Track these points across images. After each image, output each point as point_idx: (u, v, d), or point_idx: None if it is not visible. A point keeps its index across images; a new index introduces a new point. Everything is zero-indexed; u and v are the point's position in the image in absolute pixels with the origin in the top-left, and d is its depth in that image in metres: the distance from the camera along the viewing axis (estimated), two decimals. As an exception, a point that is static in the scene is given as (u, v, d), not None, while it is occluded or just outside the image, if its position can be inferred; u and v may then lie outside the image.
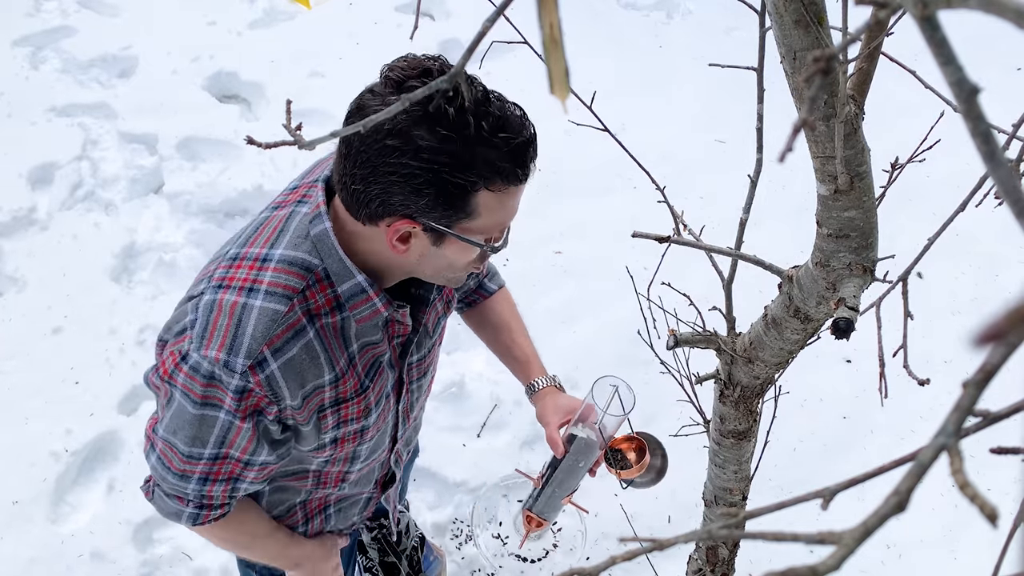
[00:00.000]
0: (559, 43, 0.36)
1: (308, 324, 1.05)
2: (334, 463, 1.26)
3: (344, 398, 1.13)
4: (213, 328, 1.00)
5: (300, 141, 0.44)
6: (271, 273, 1.03)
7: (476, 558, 2.21)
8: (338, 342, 1.09)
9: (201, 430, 1.05)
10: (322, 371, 1.08)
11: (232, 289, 1.02)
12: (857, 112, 0.77)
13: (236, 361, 0.99)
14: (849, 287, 0.86)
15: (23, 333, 2.59)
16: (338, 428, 1.16)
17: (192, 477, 1.09)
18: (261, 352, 1.00)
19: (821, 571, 0.27)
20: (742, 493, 1.34)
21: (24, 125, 3.20)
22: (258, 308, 1.01)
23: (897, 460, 0.33)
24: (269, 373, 1.01)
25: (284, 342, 1.02)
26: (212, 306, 1.02)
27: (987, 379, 0.27)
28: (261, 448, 1.09)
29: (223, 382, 1.00)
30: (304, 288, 1.04)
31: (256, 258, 1.05)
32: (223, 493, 1.13)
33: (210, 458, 1.08)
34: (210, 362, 0.99)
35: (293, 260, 1.04)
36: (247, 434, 1.06)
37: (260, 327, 1.00)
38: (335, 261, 1.05)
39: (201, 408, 1.03)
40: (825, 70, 0.28)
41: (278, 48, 3.62)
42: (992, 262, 3.07)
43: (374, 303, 1.08)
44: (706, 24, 4.07)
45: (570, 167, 3.25)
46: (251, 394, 1.02)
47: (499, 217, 1.02)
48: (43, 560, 2.09)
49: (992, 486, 2.34)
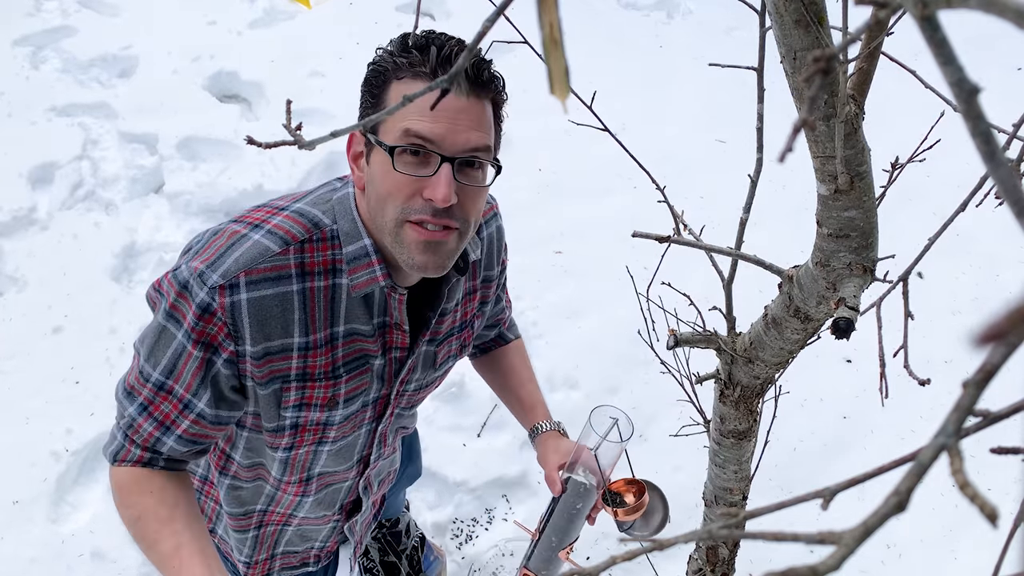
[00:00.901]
0: (559, 43, 0.36)
1: (296, 277, 1.06)
2: (293, 465, 1.23)
3: (312, 375, 1.11)
4: (208, 246, 1.05)
5: (300, 141, 0.44)
6: (280, 218, 1.08)
7: (477, 557, 2.21)
8: (324, 312, 1.09)
9: (158, 345, 1.07)
10: (291, 329, 1.07)
11: (242, 223, 1.08)
12: (857, 112, 0.77)
13: (210, 275, 1.02)
14: (849, 287, 0.86)
15: (23, 333, 2.59)
16: (300, 409, 1.13)
17: (136, 398, 1.10)
18: (237, 277, 1.02)
19: (821, 571, 0.27)
20: (742, 493, 1.34)
21: (24, 125, 3.20)
22: (253, 240, 1.05)
23: (897, 460, 0.33)
24: (236, 300, 1.02)
25: (262, 278, 1.04)
26: (217, 231, 1.07)
27: (987, 379, 0.27)
28: (203, 392, 1.07)
29: (191, 293, 1.02)
30: (305, 240, 1.07)
31: (276, 207, 1.11)
32: (149, 434, 1.10)
33: (155, 384, 1.08)
34: (189, 271, 1.03)
35: (304, 213, 1.09)
36: (194, 364, 1.05)
37: (246, 255, 1.03)
38: (348, 222, 1.09)
39: (166, 319, 1.05)
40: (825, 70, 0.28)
41: (278, 48, 3.62)
42: (992, 262, 3.07)
43: (374, 269, 1.09)
44: (706, 24, 4.07)
45: (570, 167, 3.25)
46: (212, 317, 1.02)
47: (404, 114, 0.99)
48: (43, 560, 2.09)
49: (992, 486, 2.34)
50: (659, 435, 2.46)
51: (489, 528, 2.27)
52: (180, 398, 1.08)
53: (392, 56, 1.01)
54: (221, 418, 1.11)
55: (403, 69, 1.00)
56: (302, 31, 3.71)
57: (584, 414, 1.29)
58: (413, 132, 0.98)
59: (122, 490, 1.13)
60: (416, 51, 0.99)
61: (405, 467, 1.80)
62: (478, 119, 1.01)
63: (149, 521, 1.10)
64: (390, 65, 1.01)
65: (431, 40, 0.99)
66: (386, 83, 1.01)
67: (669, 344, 1.08)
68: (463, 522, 2.28)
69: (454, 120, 0.99)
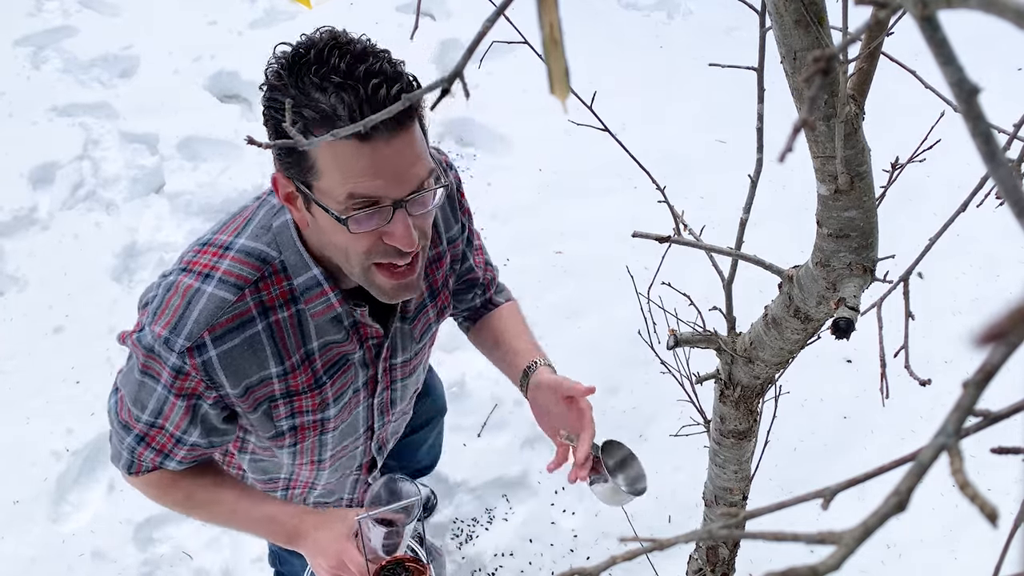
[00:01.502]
0: (559, 43, 0.36)
1: (259, 316, 1.06)
2: (302, 453, 1.26)
3: (296, 391, 1.14)
4: (165, 307, 1.04)
5: (300, 141, 0.44)
6: (228, 262, 1.06)
7: (477, 557, 2.21)
8: (295, 338, 1.10)
9: (141, 395, 1.09)
10: (266, 364, 1.09)
11: (192, 273, 1.06)
12: (857, 112, 0.77)
13: (176, 341, 1.02)
14: (849, 287, 0.86)
15: (24, 332, 2.59)
16: (293, 418, 1.16)
17: (132, 431, 1.14)
18: (202, 337, 1.03)
19: (821, 571, 0.27)
20: (742, 493, 1.34)
21: (25, 125, 3.20)
22: (208, 294, 1.04)
23: (897, 460, 0.33)
24: (206, 359, 1.03)
25: (227, 331, 1.04)
26: (171, 287, 1.06)
27: (987, 379, 0.27)
28: (193, 429, 1.11)
29: (161, 357, 1.04)
30: (258, 279, 1.06)
31: (221, 245, 1.08)
32: (152, 460, 1.16)
33: (147, 424, 1.12)
34: (153, 337, 1.03)
35: (251, 251, 1.06)
36: (180, 411, 1.08)
37: (205, 313, 1.03)
38: (292, 253, 1.07)
39: (142, 376, 1.08)
40: (825, 70, 0.28)
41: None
42: (993, 262, 3.06)
43: (328, 298, 1.09)
44: (706, 24, 4.07)
45: (570, 167, 3.25)
46: (187, 376, 1.04)
47: (342, 177, 0.92)
48: (44, 559, 2.09)
49: (992, 486, 2.34)
50: (659, 435, 2.46)
51: (489, 528, 2.27)
52: (172, 434, 1.12)
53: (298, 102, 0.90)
54: (215, 443, 1.16)
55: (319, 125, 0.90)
56: (303, 31, 3.70)
57: (584, 414, 1.28)
58: (359, 195, 0.93)
59: (156, 487, 1.21)
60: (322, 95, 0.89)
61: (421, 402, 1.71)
62: (413, 152, 0.94)
63: (198, 492, 1.19)
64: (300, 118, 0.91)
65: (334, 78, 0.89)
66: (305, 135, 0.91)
67: (669, 344, 1.08)
68: (463, 522, 2.28)
69: (394, 167, 0.93)
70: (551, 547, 2.23)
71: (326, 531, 1.11)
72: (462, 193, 1.31)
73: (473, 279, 1.40)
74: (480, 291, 1.43)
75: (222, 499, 1.20)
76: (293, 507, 1.19)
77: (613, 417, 2.52)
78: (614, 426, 2.50)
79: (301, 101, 0.90)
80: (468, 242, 1.35)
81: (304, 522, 1.15)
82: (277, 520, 1.17)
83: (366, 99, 0.89)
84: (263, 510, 1.18)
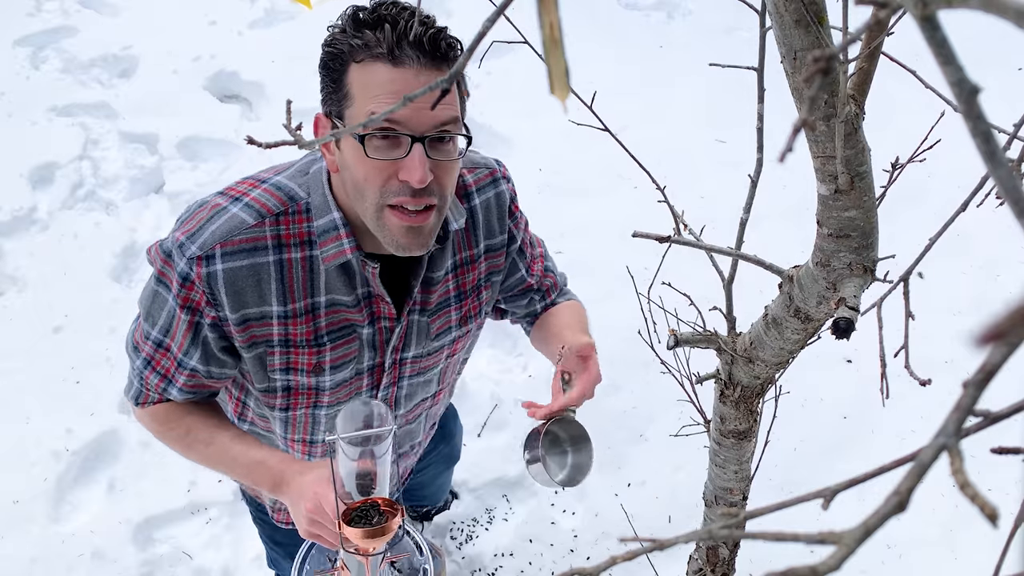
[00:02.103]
0: (559, 43, 0.36)
1: (273, 248, 1.10)
2: (295, 426, 1.27)
3: (294, 342, 1.15)
4: (191, 218, 1.10)
5: (300, 141, 0.44)
6: (259, 191, 1.11)
7: (477, 557, 2.21)
8: (303, 283, 1.13)
9: (153, 307, 1.14)
10: (268, 298, 1.11)
11: (225, 196, 1.12)
12: (857, 112, 0.77)
13: (189, 247, 1.07)
14: (849, 287, 0.86)
15: (24, 332, 2.59)
16: (287, 373, 1.18)
17: (141, 354, 1.18)
18: (212, 249, 1.06)
19: (821, 571, 0.27)
20: (742, 493, 1.34)
21: (25, 125, 3.20)
22: (231, 213, 1.09)
23: (897, 460, 0.33)
24: (212, 271, 1.07)
25: (238, 250, 1.08)
26: (202, 203, 1.12)
27: (987, 379, 0.27)
28: (194, 351, 1.14)
29: (174, 262, 1.08)
30: (280, 213, 1.10)
31: (258, 179, 1.14)
32: (157, 386, 1.19)
33: (155, 342, 1.16)
34: (172, 241, 1.08)
35: (281, 186, 1.12)
36: (184, 326, 1.11)
37: (223, 228, 1.07)
38: (319, 195, 1.11)
39: (156, 284, 1.13)
40: (825, 70, 0.28)
41: (279, 48, 3.62)
42: (993, 262, 3.07)
43: (341, 243, 1.11)
44: (706, 24, 4.07)
45: (570, 167, 3.25)
46: (192, 286, 1.08)
47: (370, 98, 0.99)
48: (44, 559, 2.09)
49: (992, 486, 2.34)
50: (659, 435, 2.46)
51: (489, 528, 2.27)
52: (175, 356, 1.15)
53: (346, 36, 1.00)
54: (213, 374, 1.18)
55: (359, 51, 0.99)
56: (303, 31, 3.71)
57: (584, 415, 1.28)
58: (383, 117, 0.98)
59: (161, 420, 1.24)
60: (369, 30, 0.98)
61: (437, 446, 1.78)
62: None
63: (199, 430, 1.22)
64: (345, 47, 1.00)
65: (383, 17, 0.98)
66: (344, 66, 1.01)
67: (669, 344, 1.08)
68: (463, 522, 2.28)
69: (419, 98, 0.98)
70: (551, 547, 2.24)
71: (309, 475, 1.10)
72: (515, 205, 1.33)
73: (528, 287, 1.42)
74: (538, 296, 1.45)
75: (218, 439, 1.21)
76: (282, 454, 1.18)
77: (613, 417, 2.52)
78: (614, 426, 2.50)
79: (349, 31, 0.99)
80: (520, 252, 1.37)
81: (291, 468, 1.14)
82: (266, 464, 1.16)
83: (403, 33, 0.97)
84: (254, 454, 1.18)
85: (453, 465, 1.98)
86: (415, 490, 1.92)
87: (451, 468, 1.99)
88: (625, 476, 2.39)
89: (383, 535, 1.01)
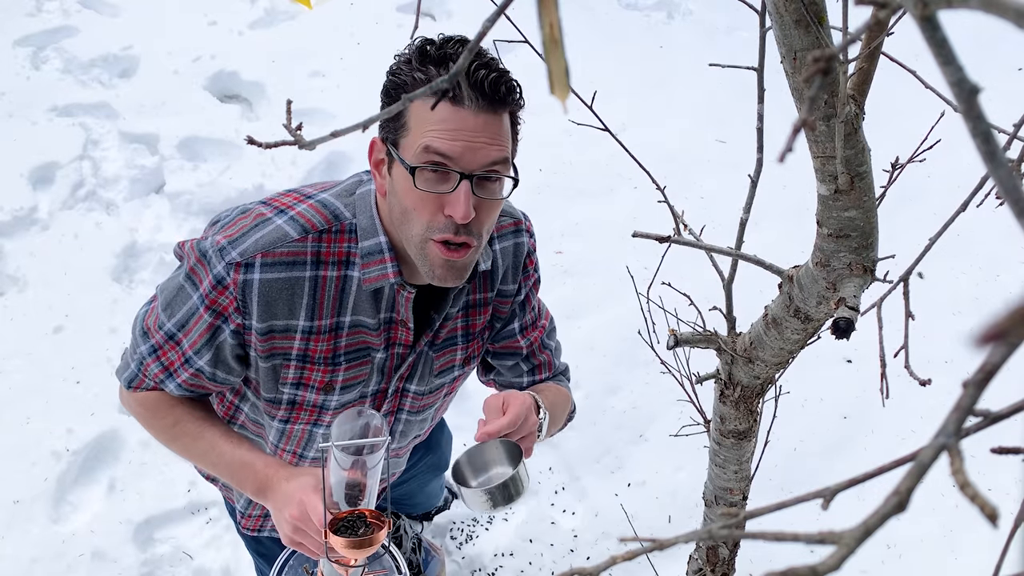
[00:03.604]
0: (559, 43, 0.36)
1: (311, 264, 1.11)
2: (289, 438, 1.27)
3: (312, 358, 1.16)
4: (233, 224, 1.11)
5: (300, 141, 0.44)
6: (304, 206, 1.13)
7: (477, 557, 2.21)
8: (333, 301, 1.14)
9: (176, 300, 1.14)
10: (297, 313, 1.12)
11: (269, 206, 1.13)
12: (857, 112, 0.77)
13: (230, 251, 1.08)
14: (849, 287, 0.86)
15: (24, 332, 2.59)
16: (297, 388, 1.18)
17: (149, 340, 1.17)
18: (253, 257, 1.08)
19: (821, 571, 0.27)
20: (742, 493, 1.34)
21: (25, 125, 3.20)
22: (275, 225, 1.10)
23: (897, 460, 0.33)
24: (248, 279, 1.08)
25: (277, 262, 1.09)
26: (245, 211, 1.13)
27: (987, 379, 0.27)
28: (206, 352, 1.14)
29: (211, 263, 1.09)
30: (324, 230, 1.12)
31: (304, 193, 1.16)
32: (155, 376, 1.19)
33: (167, 334, 1.15)
34: (212, 243, 1.09)
35: (327, 204, 1.14)
36: (203, 326, 1.12)
37: (266, 238, 1.09)
38: (367, 218, 1.13)
39: (185, 280, 1.13)
40: (825, 70, 0.28)
41: (279, 48, 3.62)
42: (993, 262, 3.07)
43: (386, 266, 1.12)
44: (706, 24, 4.07)
45: (570, 167, 3.25)
46: (225, 290, 1.08)
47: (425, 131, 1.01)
48: (44, 559, 2.09)
49: (992, 486, 2.34)
50: (659, 435, 2.46)
51: (489, 528, 2.27)
52: (184, 352, 1.15)
53: (410, 69, 1.02)
54: (218, 378, 1.18)
55: (420, 85, 1.01)
56: (303, 31, 3.71)
57: (584, 414, 1.28)
58: (433, 149, 1.00)
59: (149, 407, 1.23)
60: (433, 66, 1.01)
61: (423, 456, 1.79)
62: (495, 134, 1.03)
63: (187, 422, 1.21)
64: (408, 79, 1.02)
65: (448, 56, 1.01)
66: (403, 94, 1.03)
67: (669, 344, 1.08)
68: (463, 522, 2.28)
69: (472, 137, 1.01)
70: (551, 547, 2.23)
71: (295, 482, 1.08)
72: (531, 260, 1.32)
73: (514, 347, 1.36)
74: (527, 367, 1.39)
75: (206, 435, 1.20)
76: (269, 458, 1.16)
77: (613, 417, 2.52)
78: (614, 426, 2.50)
79: (414, 63, 1.02)
80: (522, 306, 1.34)
81: (277, 473, 1.13)
82: (252, 467, 1.15)
83: (467, 74, 0.99)
84: (241, 455, 1.16)
85: (441, 473, 1.97)
86: (404, 499, 1.91)
87: (439, 476, 1.98)
88: (625, 476, 2.39)
89: (369, 546, 1.01)
